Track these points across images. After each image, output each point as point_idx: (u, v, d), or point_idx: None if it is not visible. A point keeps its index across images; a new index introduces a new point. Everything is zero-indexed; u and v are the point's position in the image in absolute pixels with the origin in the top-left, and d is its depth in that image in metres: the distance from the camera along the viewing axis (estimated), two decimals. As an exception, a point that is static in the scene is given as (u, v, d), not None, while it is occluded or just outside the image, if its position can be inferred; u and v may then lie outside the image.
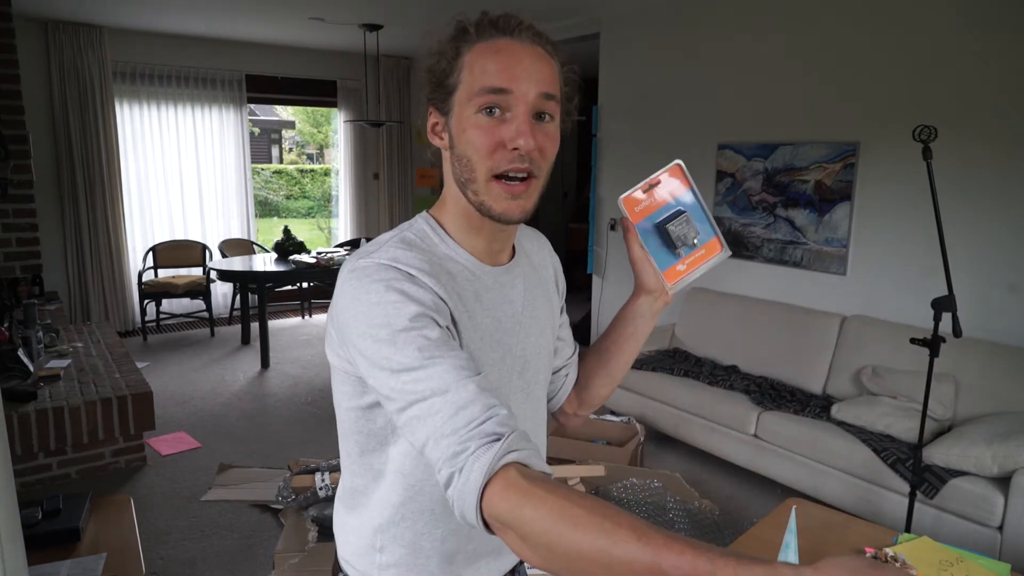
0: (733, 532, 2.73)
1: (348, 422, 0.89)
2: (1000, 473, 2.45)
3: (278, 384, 4.72)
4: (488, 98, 0.78)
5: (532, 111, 0.78)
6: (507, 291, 0.89)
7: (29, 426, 3.09)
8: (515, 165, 0.78)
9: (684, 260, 0.84)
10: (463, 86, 0.80)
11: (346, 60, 6.64)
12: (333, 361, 0.87)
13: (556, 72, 0.82)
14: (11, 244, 3.33)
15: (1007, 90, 2.91)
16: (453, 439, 0.66)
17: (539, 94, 0.78)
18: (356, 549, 0.93)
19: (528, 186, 0.80)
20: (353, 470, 0.91)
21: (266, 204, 13.97)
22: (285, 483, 2.83)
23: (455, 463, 0.66)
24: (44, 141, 5.33)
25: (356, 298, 0.76)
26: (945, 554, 1.42)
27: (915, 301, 3.18)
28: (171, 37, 5.83)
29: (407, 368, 0.71)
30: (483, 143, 0.78)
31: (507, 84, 0.77)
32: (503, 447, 0.65)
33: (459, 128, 0.80)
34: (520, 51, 0.79)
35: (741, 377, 3.55)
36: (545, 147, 0.80)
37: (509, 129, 0.78)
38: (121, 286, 5.84)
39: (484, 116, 0.78)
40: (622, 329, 0.96)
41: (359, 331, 0.75)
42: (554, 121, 0.82)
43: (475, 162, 0.79)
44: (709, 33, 4.12)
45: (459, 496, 0.65)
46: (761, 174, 3.90)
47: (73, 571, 1.68)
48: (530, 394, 0.93)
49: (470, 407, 0.68)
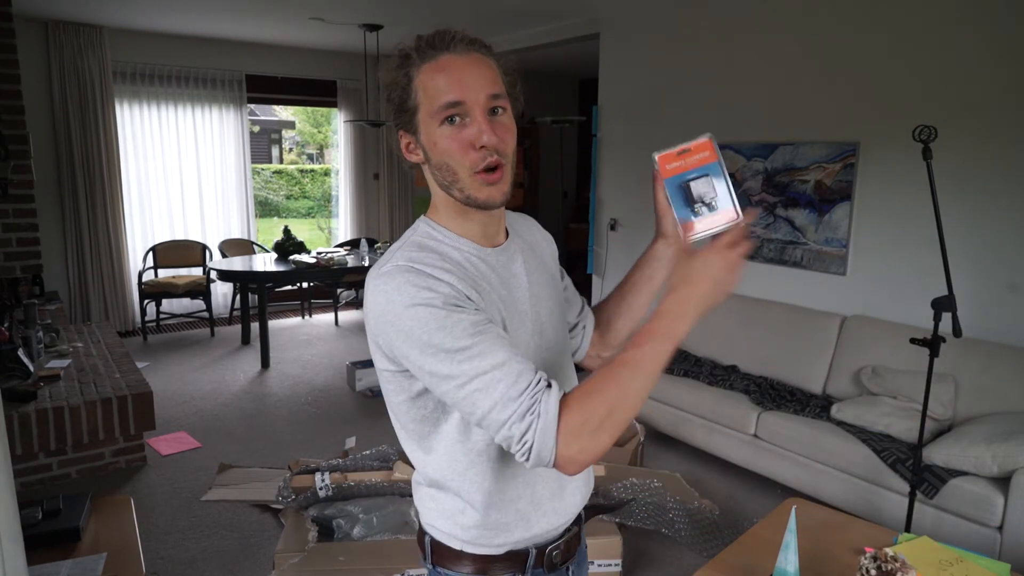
0: (733, 532, 2.73)
1: (402, 414, 0.99)
2: (1000, 473, 2.45)
3: (278, 384, 4.72)
4: (447, 112, 0.90)
5: (485, 111, 0.90)
6: (511, 266, 1.01)
7: (29, 426, 3.10)
8: (488, 160, 0.90)
9: (702, 219, 0.92)
10: (423, 106, 0.92)
11: (346, 60, 6.64)
12: (379, 364, 0.97)
13: (495, 70, 0.94)
14: (11, 244, 3.33)
15: (1007, 90, 2.91)
16: (523, 399, 0.82)
17: (488, 96, 0.90)
18: (438, 515, 1.03)
19: (502, 172, 0.92)
20: (417, 456, 1.02)
21: (266, 204, 13.97)
22: (285, 483, 2.83)
23: (532, 413, 0.81)
24: (44, 141, 5.34)
25: (390, 300, 0.87)
26: (945, 554, 1.42)
27: (915, 301, 3.18)
28: (171, 37, 5.83)
29: (462, 348, 0.84)
30: (455, 148, 0.91)
31: (459, 96, 0.89)
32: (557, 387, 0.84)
33: (430, 142, 0.93)
34: (461, 63, 0.91)
35: (741, 377, 3.54)
36: (505, 137, 0.92)
37: (472, 132, 0.90)
38: (121, 286, 5.84)
39: (448, 126, 0.90)
40: (640, 272, 1.11)
41: (404, 328, 0.86)
42: (507, 112, 0.94)
43: (454, 166, 0.92)
44: (709, 33, 4.12)
45: (540, 435, 0.81)
46: (761, 174, 3.90)
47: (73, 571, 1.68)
48: (548, 351, 1.04)
49: (525, 374, 0.84)
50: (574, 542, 1.09)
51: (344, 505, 2.71)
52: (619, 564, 2.48)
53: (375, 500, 2.73)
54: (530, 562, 1.02)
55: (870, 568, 1.23)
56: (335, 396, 4.47)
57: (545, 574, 1.04)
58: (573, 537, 1.08)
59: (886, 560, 1.22)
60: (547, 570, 1.04)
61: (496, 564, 1.01)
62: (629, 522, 2.71)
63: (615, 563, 2.48)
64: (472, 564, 1.01)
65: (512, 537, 1.00)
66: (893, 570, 1.21)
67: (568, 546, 1.07)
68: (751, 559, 1.41)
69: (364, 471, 2.84)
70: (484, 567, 1.01)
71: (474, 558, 1.01)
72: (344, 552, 2.41)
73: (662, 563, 2.64)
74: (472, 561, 1.01)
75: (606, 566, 2.47)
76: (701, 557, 2.65)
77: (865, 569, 1.24)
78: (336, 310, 6.64)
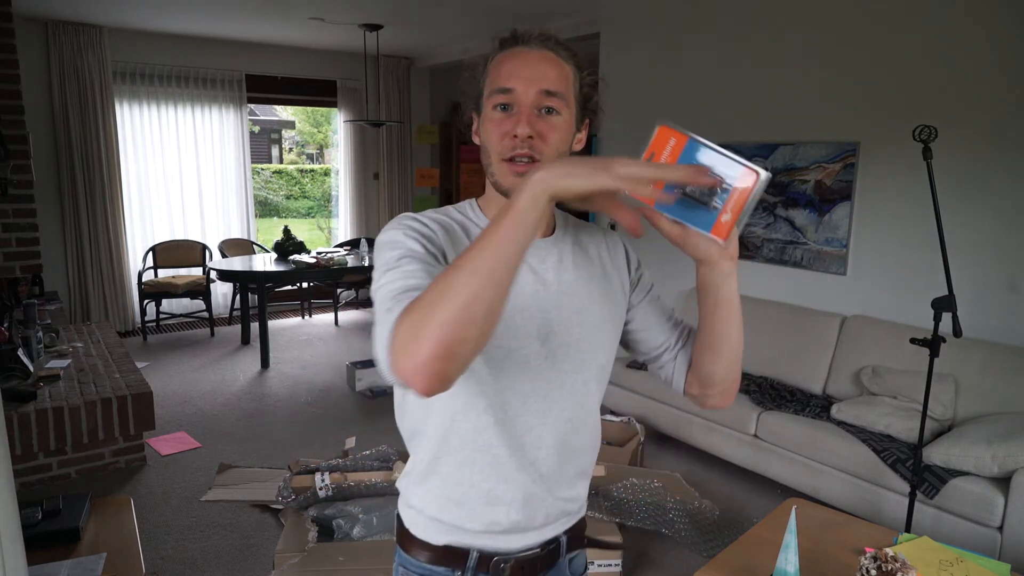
0: (733, 532, 2.73)
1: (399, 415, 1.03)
2: (1000, 473, 2.45)
3: (278, 384, 4.72)
4: (498, 97, 0.92)
5: (533, 106, 0.90)
6: (532, 261, 0.98)
7: (29, 426, 3.09)
8: (517, 151, 0.91)
9: (725, 209, 0.74)
10: (486, 89, 0.95)
11: (346, 60, 6.64)
12: None
13: (566, 72, 0.93)
14: (11, 244, 3.33)
15: (1007, 90, 2.91)
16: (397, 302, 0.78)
17: (539, 91, 0.90)
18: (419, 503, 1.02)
19: (531, 167, 0.90)
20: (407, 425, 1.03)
21: (266, 204, 13.97)
22: (285, 483, 2.83)
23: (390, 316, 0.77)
24: (44, 141, 5.34)
25: (380, 235, 0.92)
26: (945, 554, 1.42)
27: (915, 301, 3.18)
28: (171, 37, 5.83)
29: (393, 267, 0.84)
30: (494, 133, 0.93)
31: (510, 84, 0.91)
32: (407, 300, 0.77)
33: (483, 124, 0.96)
34: (527, 55, 0.92)
35: (741, 377, 3.54)
36: (545, 134, 0.91)
37: (513, 121, 0.91)
38: (121, 286, 5.84)
39: (498, 112, 0.92)
40: (704, 303, 0.96)
41: (376, 253, 0.91)
42: (561, 115, 0.92)
43: (489, 149, 0.94)
44: (709, 33, 4.12)
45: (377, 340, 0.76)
46: (761, 174, 3.89)
47: (73, 571, 1.68)
48: (556, 363, 0.97)
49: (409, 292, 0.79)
50: (530, 563, 1.02)
51: (344, 505, 2.71)
52: (619, 564, 2.48)
53: (375, 500, 2.73)
54: (471, 564, 0.99)
55: (870, 568, 1.23)
56: (335, 396, 4.47)
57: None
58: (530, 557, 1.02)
59: (886, 560, 1.22)
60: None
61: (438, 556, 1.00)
62: (629, 522, 2.71)
63: (615, 563, 2.48)
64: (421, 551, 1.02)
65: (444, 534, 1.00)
66: (893, 570, 1.21)
67: (520, 564, 1.01)
68: (751, 559, 1.41)
69: (364, 471, 2.84)
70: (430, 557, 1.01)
71: (419, 545, 1.02)
72: (344, 552, 2.41)
73: (662, 563, 2.64)
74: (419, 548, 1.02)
75: (606, 566, 2.47)
76: (701, 557, 2.65)
77: (865, 569, 1.24)
78: (336, 310, 6.64)
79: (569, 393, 0.99)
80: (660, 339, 1.08)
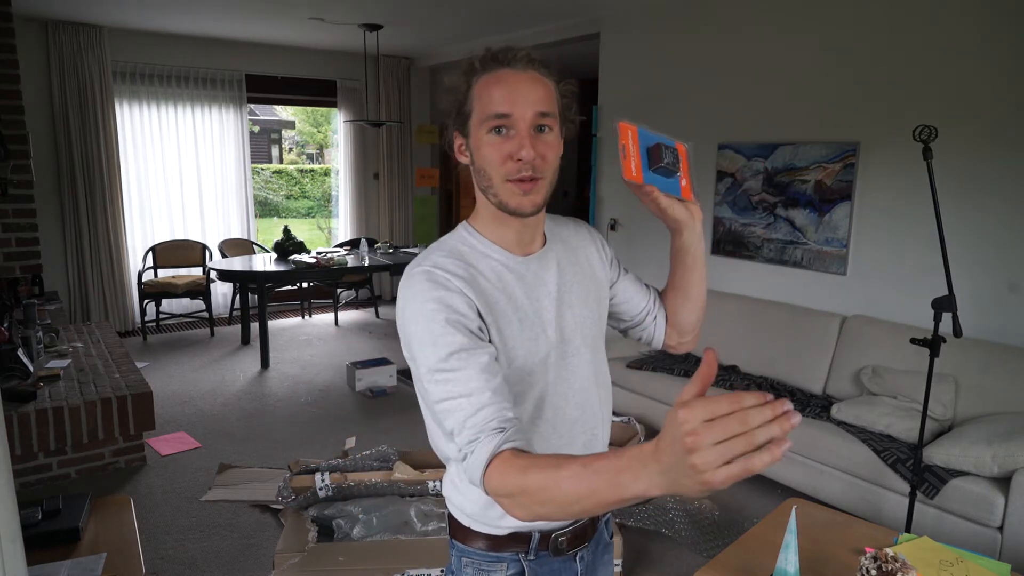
0: (733, 532, 2.73)
1: (429, 418, 1.04)
2: (1000, 473, 2.45)
3: (278, 384, 4.72)
4: (494, 122, 0.96)
5: (531, 127, 0.96)
6: (541, 274, 1.07)
7: (29, 426, 3.09)
8: (522, 174, 0.96)
9: (683, 175, 0.97)
10: (475, 113, 0.98)
11: (346, 60, 6.64)
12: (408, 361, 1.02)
13: (551, 90, 0.99)
14: (11, 244, 3.33)
15: (1007, 90, 2.91)
16: (472, 430, 0.87)
17: (535, 113, 0.96)
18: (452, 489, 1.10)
19: (535, 185, 0.97)
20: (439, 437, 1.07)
21: (266, 204, 13.97)
22: (285, 483, 2.83)
23: (471, 447, 0.86)
24: (44, 141, 5.34)
25: (406, 303, 0.97)
26: (945, 554, 1.42)
27: (915, 301, 3.18)
28: (171, 37, 5.83)
29: (442, 369, 0.90)
30: (495, 157, 0.97)
31: (508, 109, 0.95)
32: (504, 437, 0.85)
33: (476, 146, 0.99)
34: (516, 79, 0.97)
35: (741, 377, 3.54)
36: (545, 154, 0.97)
37: (513, 144, 0.95)
38: (121, 286, 5.84)
39: (494, 135, 0.97)
40: (681, 263, 1.13)
41: (407, 333, 0.96)
42: (553, 131, 0.99)
43: (490, 172, 0.98)
44: (709, 33, 4.12)
45: (469, 469, 0.86)
46: (761, 174, 3.90)
47: (73, 571, 1.67)
48: (569, 360, 1.08)
49: (487, 408, 0.87)
50: (581, 532, 1.11)
51: (344, 505, 2.70)
52: (619, 564, 2.48)
53: (375, 500, 2.73)
54: (533, 544, 1.06)
55: (870, 568, 1.23)
56: (335, 396, 4.47)
57: (551, 558, 1.08)
58: (580, 527, 1.10)
59: (886, 560, 1.22)
60: (553, 554, 1.08)
61: (501, 543, 1.06)
62: (629, 522, 2.71)
63: (615, 563, 2.47)
64: (481, 541, 1.07)
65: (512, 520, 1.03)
66: (893, 570, 1.21)
67: (575, 535, 1.09)
68: (751, 559, 1.41)
69: (364, 471, 2.84)
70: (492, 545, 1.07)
71: (480, 536, 1.07)
72: (344, 552, 2.41)
73: (662, 563, 2.64)
74: (479, 538, 1.07)
75: (606, 566, 2.47)
76: (701, 557, 2.65)
77: (865, 569, 1.24)
78: (336, 310, 6.64)
79: (586, 375, 1.11)
80: (641, 304, 1.21)
